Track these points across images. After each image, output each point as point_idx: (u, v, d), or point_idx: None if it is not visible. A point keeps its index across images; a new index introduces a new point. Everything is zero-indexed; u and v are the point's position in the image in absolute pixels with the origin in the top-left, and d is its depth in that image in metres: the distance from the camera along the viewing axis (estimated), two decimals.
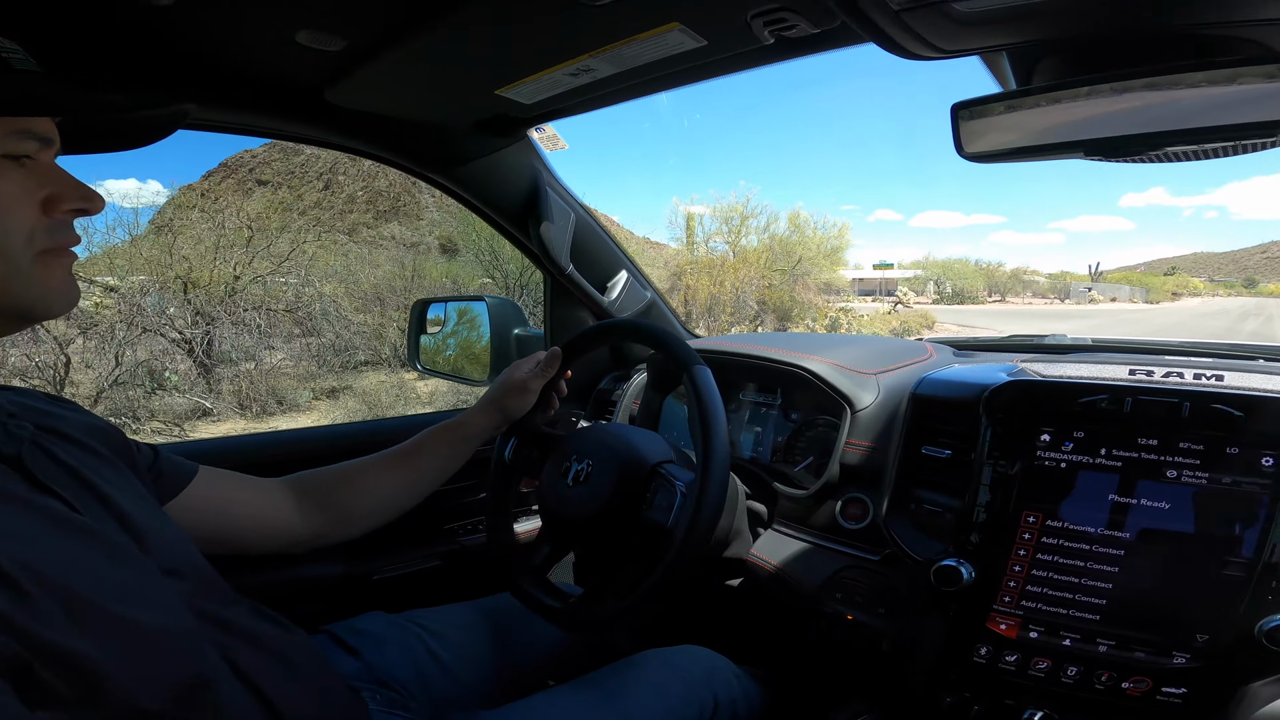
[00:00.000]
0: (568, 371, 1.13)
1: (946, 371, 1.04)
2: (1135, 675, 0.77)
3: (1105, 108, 0.66)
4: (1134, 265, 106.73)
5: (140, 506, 0.64)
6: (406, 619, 1.01)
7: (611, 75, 1.03)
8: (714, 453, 0.87)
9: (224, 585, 0.68)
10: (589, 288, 1.56)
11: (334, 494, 0.94)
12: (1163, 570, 0.78)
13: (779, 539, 1.18)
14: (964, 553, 0.87)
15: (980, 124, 0.73)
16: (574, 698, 0.91)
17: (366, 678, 0.90)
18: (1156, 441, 0.79)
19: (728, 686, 1.01)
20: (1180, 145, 0.66)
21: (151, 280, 7.90)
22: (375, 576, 1.35)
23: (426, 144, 1.32)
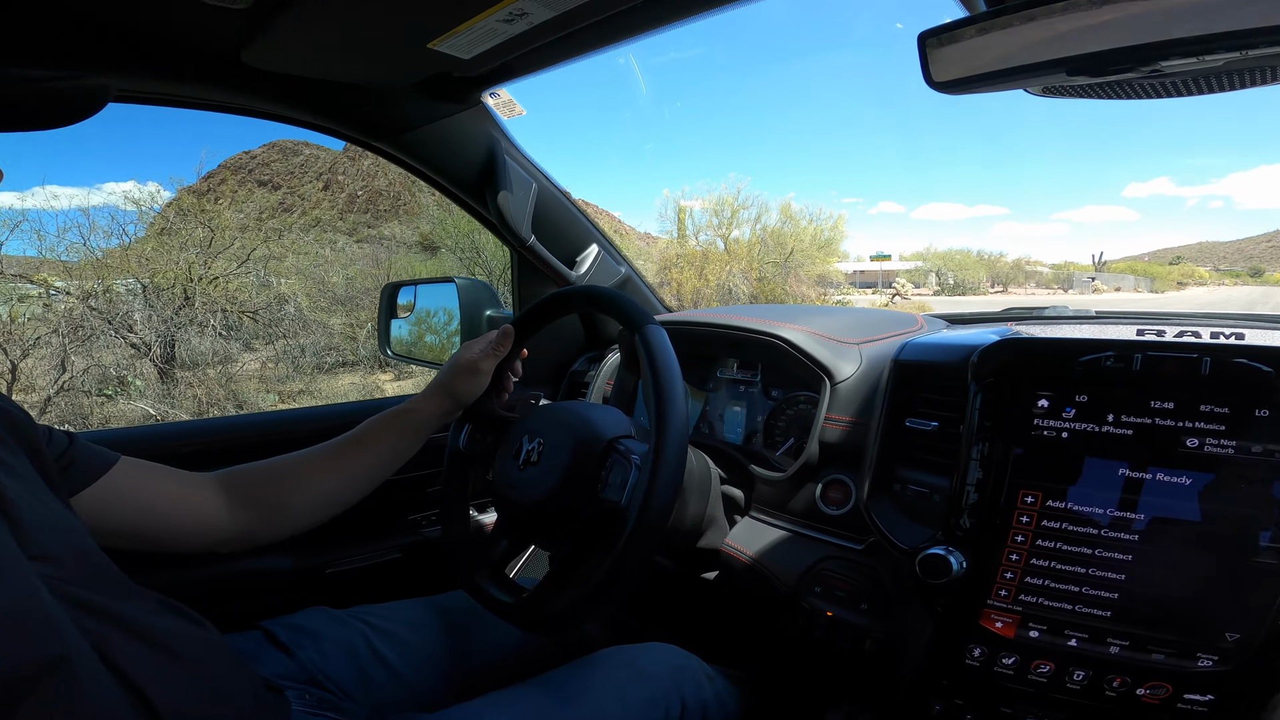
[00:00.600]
0: (523, 350, 1.04)
1: (933, 336, 0.93)
2: (1153, 680, 0.66)
3: (1088, 21, 0.55)
4: (1138, 255, 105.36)
5: (28, 490, 0.60)
6: (352, 615, 0.95)
7: (550, 19, 0.93)
8: (669, 417, 0.76)
9: (120, 577, 0.64)
10: (554, 261, 1.46)
11: (266, 490, 0.86)
12: (1184, 558, 0.67)
13: (756, 527, 1.08)
14: (953, 540, 0.76)
15: (950, 50, 0.62)
16: (523, 700, 0.83)
17: (297, 676, 0.85)
18: (1173, 405, 0.68)
19: (697, 688, 0.92)
20: (1178, 58, 0.55)
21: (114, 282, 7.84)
22: (329, 570, 1.27)
23: (365, 109, 1.22)
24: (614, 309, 0.90)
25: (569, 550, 0.89)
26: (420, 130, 1.28)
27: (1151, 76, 0.57)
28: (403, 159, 1.32)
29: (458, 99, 1.26)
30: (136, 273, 7.94)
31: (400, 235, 14.93)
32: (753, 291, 12.00)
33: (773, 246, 12.85)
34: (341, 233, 14.42)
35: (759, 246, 12.72)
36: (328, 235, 11.90)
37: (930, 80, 0.66)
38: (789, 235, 13.04)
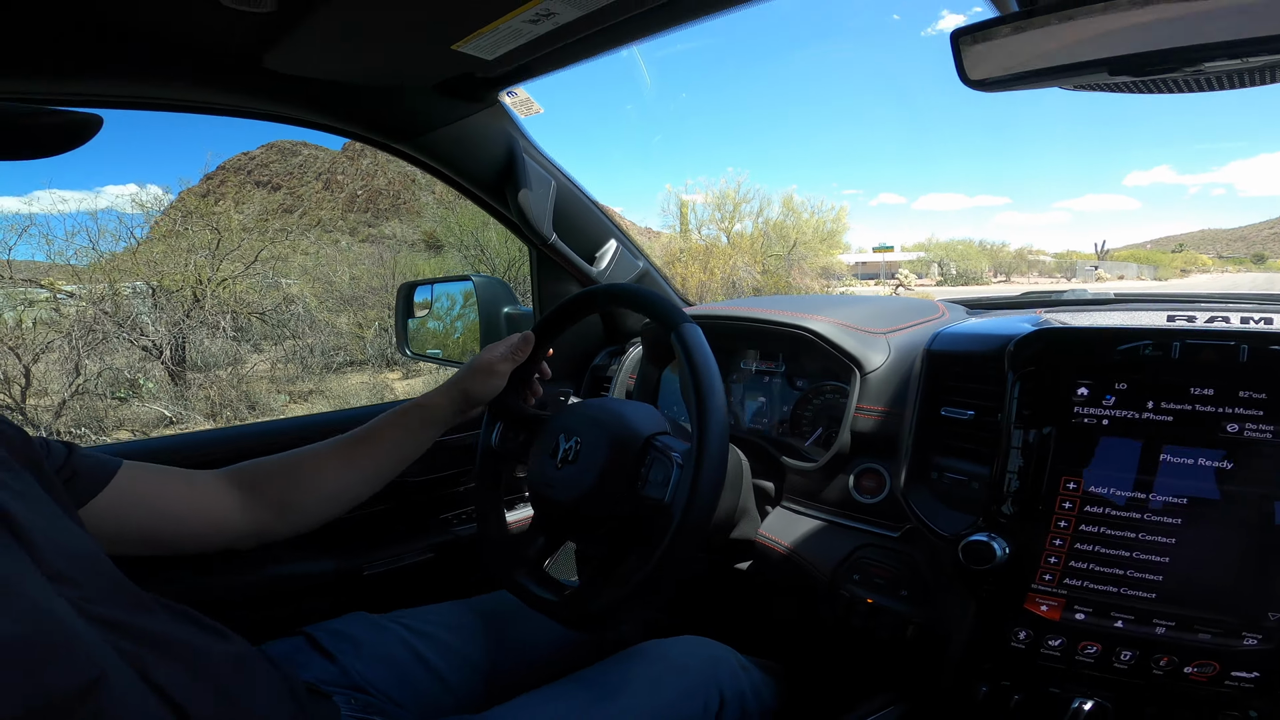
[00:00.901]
0: (548, 351, 1.05)
1: (963, 325, 0.94)
2: (1200, 659, 0.67)
3: (1128, 21, 0.55)
4: (1141, 243, 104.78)
5: (36, 511, 0.59)
6: (392, 619, 0.96)
7: (576, 19, 0.93)
8: (710, 416, 0.77)
9: (139, 592, 0.63)
10: (575, 258, 1.47)
11: (279, 485, 0.87)
12: (1226, 540, 0.68)
13: (789, 517, 1.09)
14: (995, 526, 0.77)
15: (985, 48, 0.62)
16: (560, 698, 0.85)
17: (341, 682, 0.85)
18: (1212, 391, 0.69)
19: (734, 679, 0.93)
20: (1221, 59, 0.55)
21: (127, 286, 7.86)
22: (366, 572, 1.29)
23: (387, 111, 1.23)
24: (648, 308, 0.91)
25: (608, 548, 0.90)
26: (439, 131, 1.28)
27: (1192, 75, 0.58)
28: (423, 160, 1.32)
29: (476, 98, 1.26)
30: (146, 275, 7.97)
31: (402, 234, 14.95)
32: (757, 284, 12.00)
33: (775, 239, 12.85)
34: (343, 232, 14.44)
35: (762, 239, 12.73)
36: (330, 235, 11.92)
37: (965, 78, 0.66)
38: (791, 228, 13.05)
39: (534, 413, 1.03)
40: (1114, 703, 0.72)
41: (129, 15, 0.90)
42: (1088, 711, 0.73)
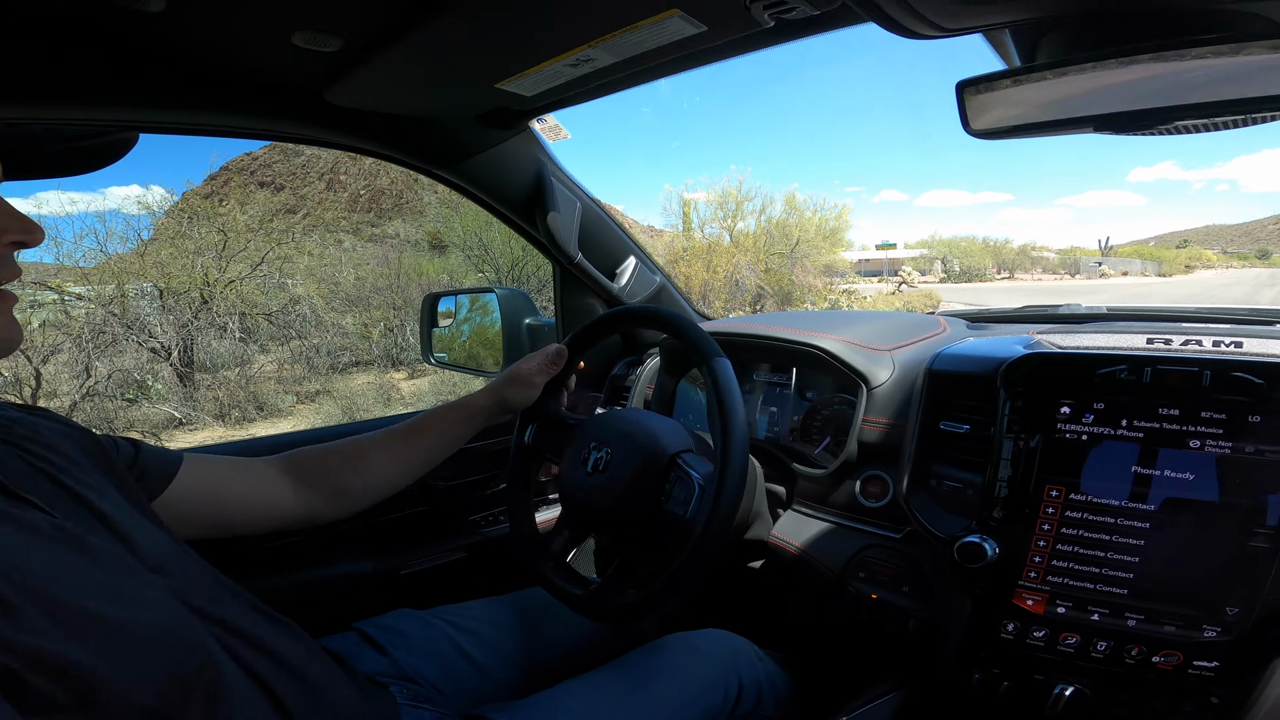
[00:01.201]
0: (579, 364, 1.14)
1: (962, 345, 1.03)
2: (1166, 649, 0.77)
3: (1114, 81, 0.64)
4: (1145, 239, 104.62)
5: (120, 508, 0.64)
6: (435, 615, 1.03)
7: (611, 64, 1.02)
8: (732, 448, 0.86)
9: (218, 584, 0.68)
10: (598, 275, 1.56)
11: (329, 471, 0.95)
12: (1189, 542, 0.77)
13: (799, 520, 1.19)
14: (987, 529, 0.87)
15: (986, 100, 0.71)
16: (599, 685, 0.92)
17: (394, 674, 0.92)
18: (1178, 411, 0.78)
19: (752, 669, 1.01)
20: (1191, 119, 0.64)
21: (134, 288, 7.92)
22: (404, 571, 1.37)
23: (430, 140, 1.32)
24: (683, 337, 0.98)
25: (631, 550, 0.98)
26: (475, 158, 1.36)
27: (1170, 128, 0.67)
28: (461, 185, 1.41)
29: (509, 126, 1.35)
30: (153, 277, 8.05)
31: (405, 234, 15.00)
32: (760, 283, 12.04)
33: (778, 238, 12.88)
34: (347, 232, 14.49)
35: (764, 238, 12.75)
36: (334, 235, 11.97)
37: (968, 128, 0.75)
38: (794, 226, 13.07)
39: (565, 416, 1.11)
40: (1092, 689, 0.82)
41: (206, 49, 0.99)
42: (1068, 697, 0.82)
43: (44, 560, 0.51)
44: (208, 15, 0.88)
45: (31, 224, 0.57)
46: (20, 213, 0.56)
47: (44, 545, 0.52)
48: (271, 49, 0.98)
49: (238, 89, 1.10)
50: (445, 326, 1.87)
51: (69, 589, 0.49)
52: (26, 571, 0.48)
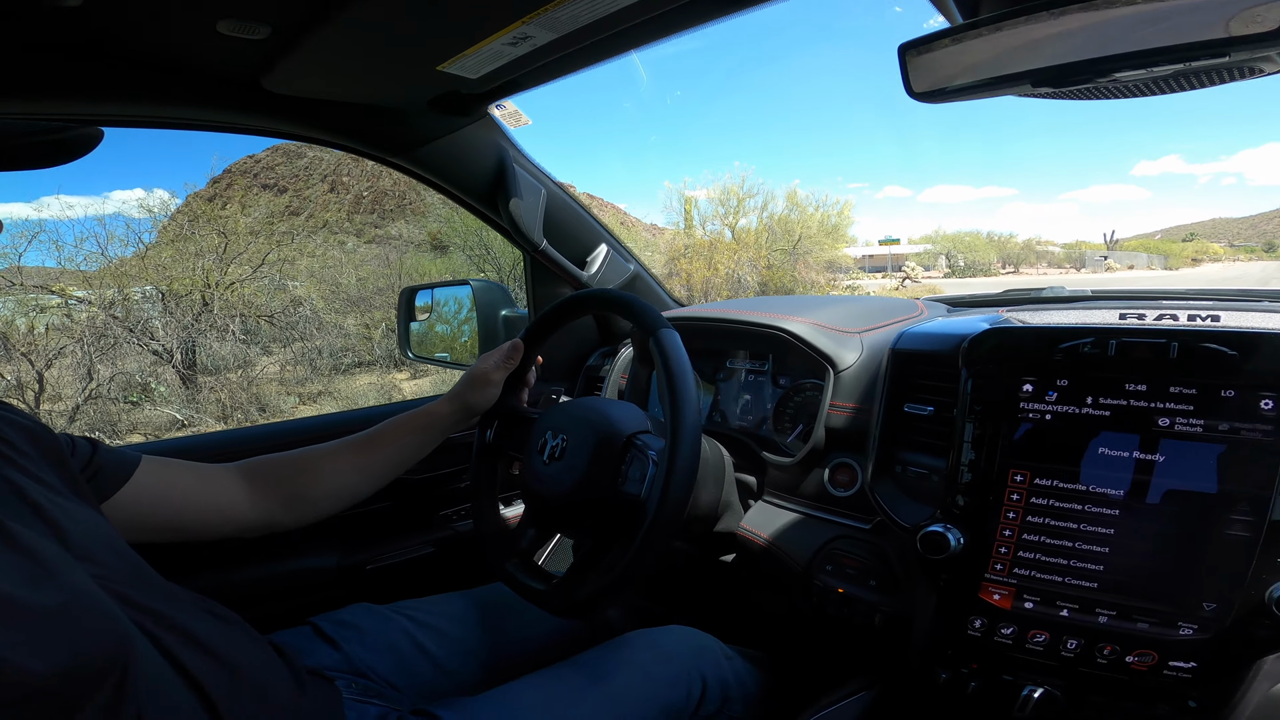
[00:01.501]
0: (538, 358, 1.10)
1: (927, 325, 0.98)
2: (1140, 648, 0.71)
3: (1048, 34, 0.60)
4: (1151, 233, 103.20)
5: (56, 499, 0.64)
6: (394, 610, 1.01)
7: (552, 41, 0.98)
8: (683, 417, 0.83)
9: (158, 578, 0.68)
10: (566, 263, 1.52)
11: (287, 480, 0.94)
12: (1162, 531, 0.72)
13: (769, 510, 1.14)
14: (951, 517, 0.82)
15: (927, 62, 0.67)
16: (556, 681, 0.89)
17: (343, 668, 0.90)
18: (1145, 387, 0.73)
19: (717, 667, 0.98)
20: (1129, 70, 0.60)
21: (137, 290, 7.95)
22: (369, 566, 1.34)
23: (383, 127, 1.28)
24: (627, 312, 0.96)
25: (592, 540, 0.95)
26: (432, 145, 1.33)
27: (1110, 85, 0.62)
28: (418, 173, 1.38)
29: (466, 113, 1.31)
30: (155, 280, 8.08)
31: (408, 235, 15.00)
32: (762, 280, 11.98)
33: (780, 234, 12.81)
34: (349, 234, 14.53)
35: (766, 235, 12.69)
36: (336, 237, 11.99)
37: (910, 90, 0.70)
38: (796, 222, 12.99)
39: (526, 411, 1.08)
40: (1063, 690, 0.76)
41: (132, 42, 0.96)
42: (1037, 699, 0.76)
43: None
44: (127, 8, 0.86)
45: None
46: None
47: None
48: (198, 39, 0.95)
49: (174, 80, 1.07)
50: (422, 320, 1.85)
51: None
52: None
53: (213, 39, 0.94)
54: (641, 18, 0.92)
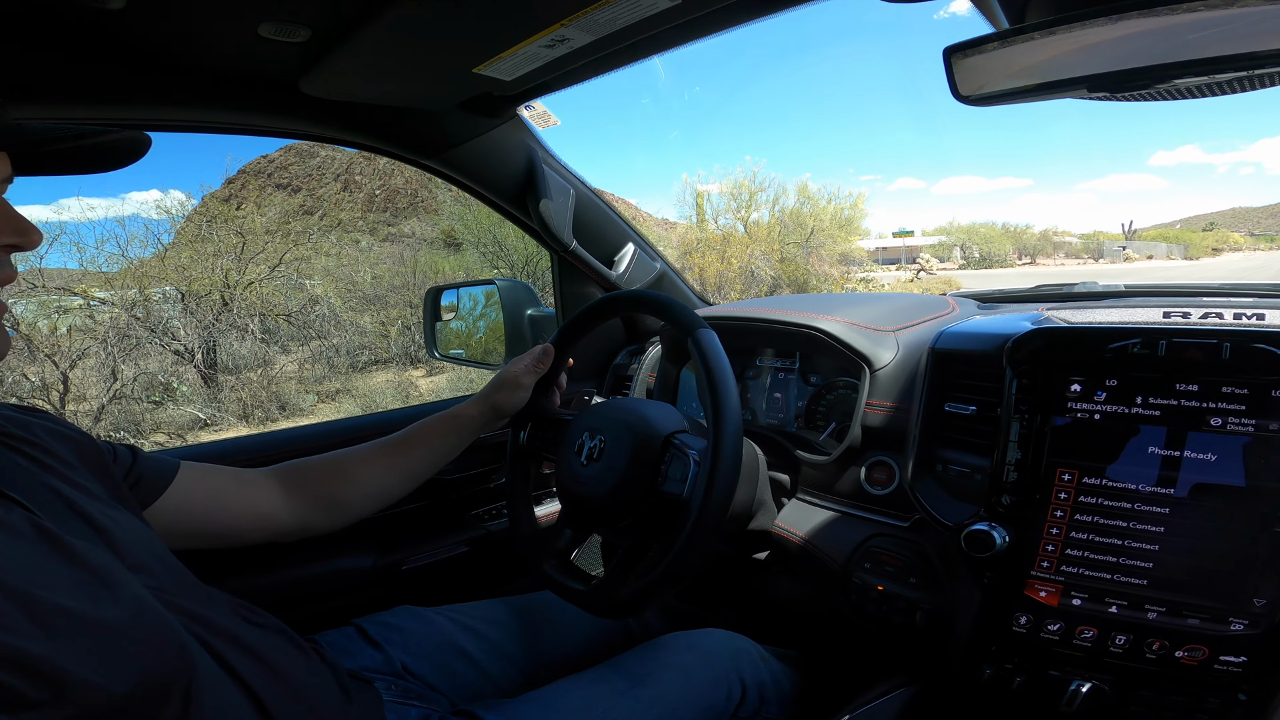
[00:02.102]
0: (569, 360, 1.12)
1: (967, 324, 0.98)
2: (1190, 643, 0.72)
3: (1105, 38, 0.59)
4: (1170, 223, 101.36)
5: (105, 509, 0.64)
6: (436, 613, 1.02)
7: (589, 44, 0.99)
8: (725, 416, 0.83)
9: (200, 585, 0.69)
10: (595, 263, 1.52)
11: (322, 483, 0.95)
12: (1213, 528, 0.72)
13: (804, 508, 1.14)
14: (996, 516, 0.82)
15: (975, 65, 0.66)
16: (597, 683, 0.90)
17: (385, 670, 0.91)
18: (1197, 387, 0.72)
19: (755, 669, 0.99)
20: (1189, 77, 0.59)
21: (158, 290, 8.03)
22: (405, 566, 1.35)
23: (415, 129, 1.29)
24: (664, 313, 0.96)
25: (631, 540, 0.96)
26: (463, 146, 1.34)
27: (1168, 89, 0.62)
28: (449, 174, 1.38)
29: (496, 114, 1.32)
30: (175, 281, 8.16)
31: (421, 232, 15.07)
32: (775, 273, 11.93)
33: (793, 227, 12.73)
34: (363, 232, 14.61)
35: (779, 228, 12.62)
36: (350, 235, 12.06)
37: (956, 93, 0.70)
38: (808, 215, 12.91)
39: (558, 413, 1.09)
40: (1111, 685, 0.76)
41: (174, 45, 0.97)
42: (1085, 693, 0.77)
43: (20, 558, 0.50)
44: (170, 11, 0.87)
45: (28, 226, 0.55)
46: (17, 214, 0.54)
47: (22, 543, 0.52)
48: (239, 42, 0.96)
49: (213, 83, 1.09)
50: (448, 320, 1.86)
51: (42, 586, 0.49)
52: (5, 569, 0.48)
53: (254, 42, 0.95)
54: (679, 20, 0.92)
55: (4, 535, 0.51)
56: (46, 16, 0.86)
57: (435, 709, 0.87)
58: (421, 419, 1.05)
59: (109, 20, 0.87)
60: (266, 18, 0.89)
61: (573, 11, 0.88)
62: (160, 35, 0.94)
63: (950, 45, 0.68)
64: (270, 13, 0.88)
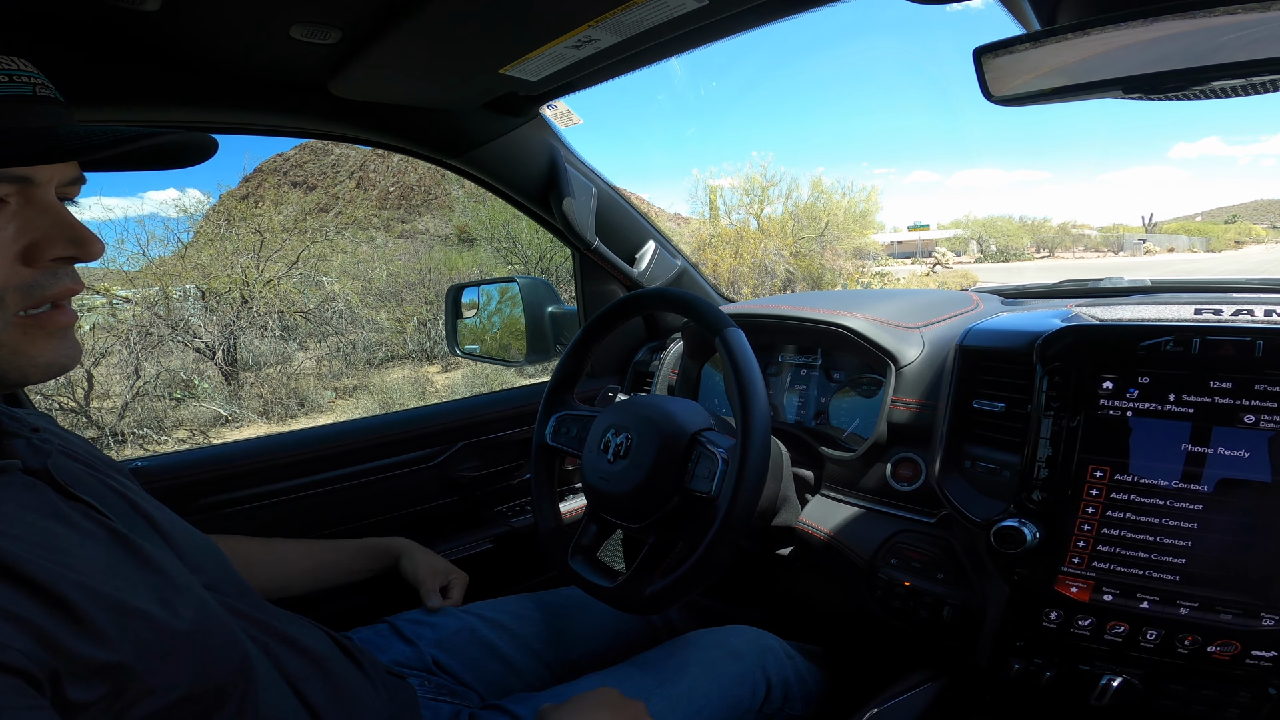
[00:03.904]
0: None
1: (995, 320, 0.98)
2: (1222, 639, 0.72)
3: (1141, 39, 0.59)
4: (1191, 215, 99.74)
5: (161, 511, 0.65)
6: (465, 610, 1.04)
7: (615, 44, 0.99)
8: (753, 416, 0.84)
9: (248, 585, 0.70)
10: (617, 260, 1.53)
11: None
12: (1246, 525, 0.72)
13: (828, 505, 1.15)
14: (1026, 512, 0.82)
15: (1007, 65, 0.66)
16: (626, 679, 0.91)
17: (417, 665, 0.93)
18: (1231, 385, 0.72)
19: (780, 667, 1.00)
20: (1226, 80, 0.59)
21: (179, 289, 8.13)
22: None
23: (439, 130, 1.30)
24: (690, 311, 0.97)
25: (657, 536, 0.97)
26: (486, 146, 1.35)
27: (1204, 90, 0.61)
28: (473, 174, 1.40)
29: (519, 113, 1.33)
30: (195, 279, 8.25)
31: (435, 228, 15.13)
32: (789, 268, 11.88)
33: (806, 222, 12.64)
34: (378, 229, 14.69)
35: (792, 223, 12.56)
36: (365, 232, 12.13)
37: (988, 94, 0.70)
38: (822, 210, 12.81)
39: (583, 409, 1.10)
40: (1141, 679, 0.77)
41: (208, 46, 0.99)
42: (1116, 688, 0.77)
43: (96, 561, 0.51)
44: (203, 13, 0.88)
45: (85, 234, 0.54)
46: (79, 224, 0.54)
47: (99, 547, 0.53)
48: (271, 43, 0.97)
49: (242, 85, 1.10)
50: (470, 317, 1.87)
51: (118, 589, 0.50)
52: (81, 571, 0.49)
53: (285, 44, 0.96)
54: (705, 21, 0.92)
55: (81, 538, 0.52)
56: (81, 18, 0.87)
57: (466, 704, 0.88)
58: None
59: (143, 22, 0.88)
60: (299, 19, 0.90)
61: (601, 12, 0.88)
62: (193, 37, 0.95)
63: (980, 46, 0.68)
64: (302, 15, 0.89)
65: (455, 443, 1.45)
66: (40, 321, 0.52)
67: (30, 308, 0.51)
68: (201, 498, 1.18)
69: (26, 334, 0.51)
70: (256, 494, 1.23)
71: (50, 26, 0.88)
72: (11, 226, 0.50)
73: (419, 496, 1.41)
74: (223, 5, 0.86)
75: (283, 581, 0.99)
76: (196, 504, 1.17)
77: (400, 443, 1.38)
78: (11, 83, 0.49)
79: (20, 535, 0.47)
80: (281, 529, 1.23)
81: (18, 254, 0.50)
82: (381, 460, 1.36)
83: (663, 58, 1.09)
